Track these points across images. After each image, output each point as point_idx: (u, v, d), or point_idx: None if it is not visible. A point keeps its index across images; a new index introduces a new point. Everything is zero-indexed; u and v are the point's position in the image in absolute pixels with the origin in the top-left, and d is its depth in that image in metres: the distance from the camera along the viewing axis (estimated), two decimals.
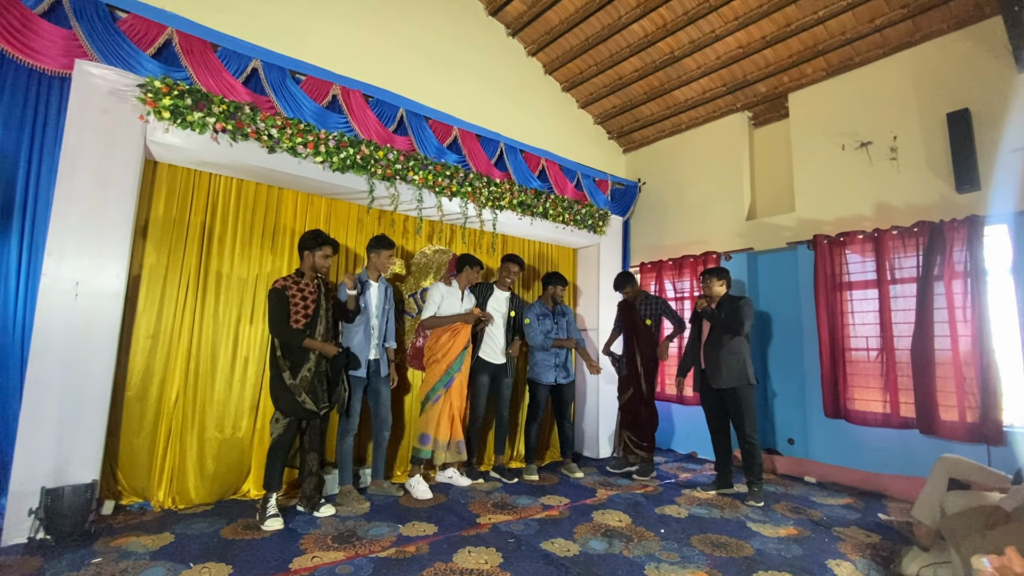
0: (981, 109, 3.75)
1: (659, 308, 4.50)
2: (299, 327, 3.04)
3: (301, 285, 3.12)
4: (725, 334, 3.77)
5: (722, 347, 3.78)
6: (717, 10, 4.52)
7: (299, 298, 3.07)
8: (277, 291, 3.03)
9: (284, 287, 3.05)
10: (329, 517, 3.07)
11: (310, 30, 4.09)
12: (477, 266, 4.03)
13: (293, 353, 3.04)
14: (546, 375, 4.29)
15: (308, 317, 3.09)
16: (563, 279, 4.43)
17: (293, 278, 3.12)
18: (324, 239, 3.17)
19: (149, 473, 3.17)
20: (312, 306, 3.12)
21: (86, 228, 2.79)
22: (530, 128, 5.43)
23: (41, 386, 2.63)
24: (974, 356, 3.57)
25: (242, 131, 3.26)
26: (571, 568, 2.47)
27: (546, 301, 4.43)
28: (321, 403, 3.09)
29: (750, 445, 3.70)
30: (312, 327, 3.09)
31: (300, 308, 3.07)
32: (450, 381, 3.81)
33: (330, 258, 3.21)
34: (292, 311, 3.04)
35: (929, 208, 3.94)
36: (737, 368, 3.72)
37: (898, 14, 4.04)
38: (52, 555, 2.43)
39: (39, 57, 2.86)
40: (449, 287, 3.95)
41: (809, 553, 2.70)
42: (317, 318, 3.12)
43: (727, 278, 3.97)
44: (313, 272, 3.19)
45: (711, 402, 3.93)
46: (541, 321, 4.33)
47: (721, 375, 3.76)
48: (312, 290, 3.15)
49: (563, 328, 4.46)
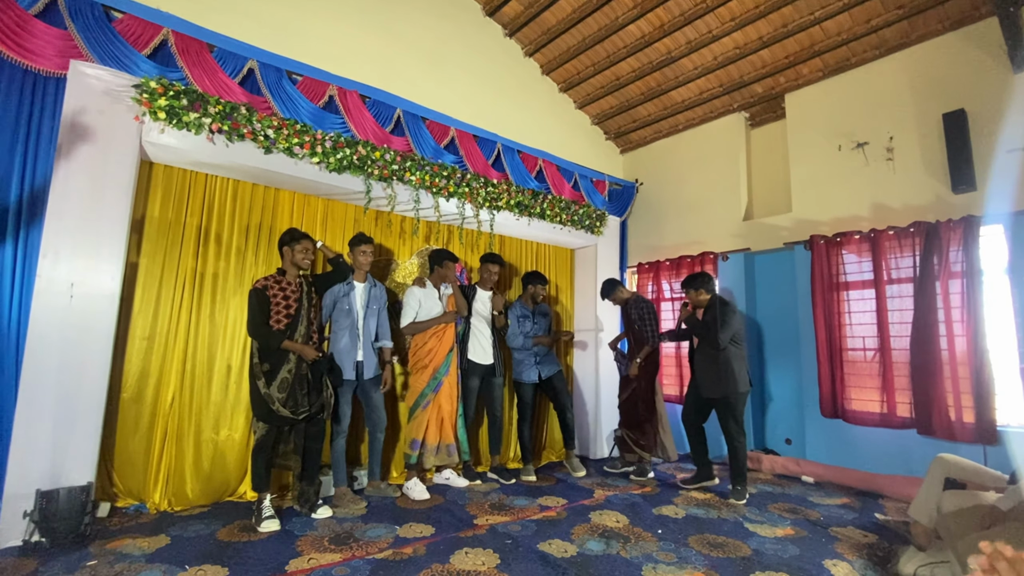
0: (977, 110, 3.76)
1: (642, 312, 4.38)
2: (280, 327, 3.01)
3: (283, 284, 3.09)
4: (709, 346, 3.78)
5: (709, 358, 3.77)
6: (714, 11, 4.52)
7: (280, 297, 3.04)
8: (256, 291, 2.99)
9: (264, 287, 3.02)
10: (326, 519, 3.06)
11: (307, 30, 4.08)
12: (449, 260, 3.93)
13: (272, 355, 3.00)
14: (528, 373, 4.28)
15: (290, 317, 3.05)
16: (543, 278, 4.43)
17: (275, 277, 3.09)
18: (301, 234, 3.15)
19: (145, 475, 3.16)
20: (294, 305, 3.08)
21: (81, 229, 2.78)
22: (527, 129, 5.43)
23: (36, 388, 2.62)
24: (969, 356, 3.58)
25: (238, 132, 3.25)
26: (568, 569, 2.47)
27: (526, 301, 4.43)
28: (300, 408, 3.03)
29: (735, 447, 3.71)
30: (293, 328, 3.05)
31: (282, 308, 3.04)
32: (438, 386, 3.78)
33: (311, 252, 3.17)
34: (273, 311, 3.01)
35: (925, 208, 3.95)
36: (725, 378, 3.68)
37: (894, 15, 4.05)
38: (47, 558, 2.41)
39: (34, 57, 2.85)
40: (424, 289, 3.89)
41: (806, 553, 2.70)
42: (299, 318, 3.08)
43: (707, 285, 3.88)
44: (296, 269, 3.16)
45: (695, 404, 3.95)
46: (521, 322, 4.33)
47: (709, 385, 3.77)
48: (294, 289, 3.11)
49: (543, 328, 4.46)
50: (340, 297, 3.48)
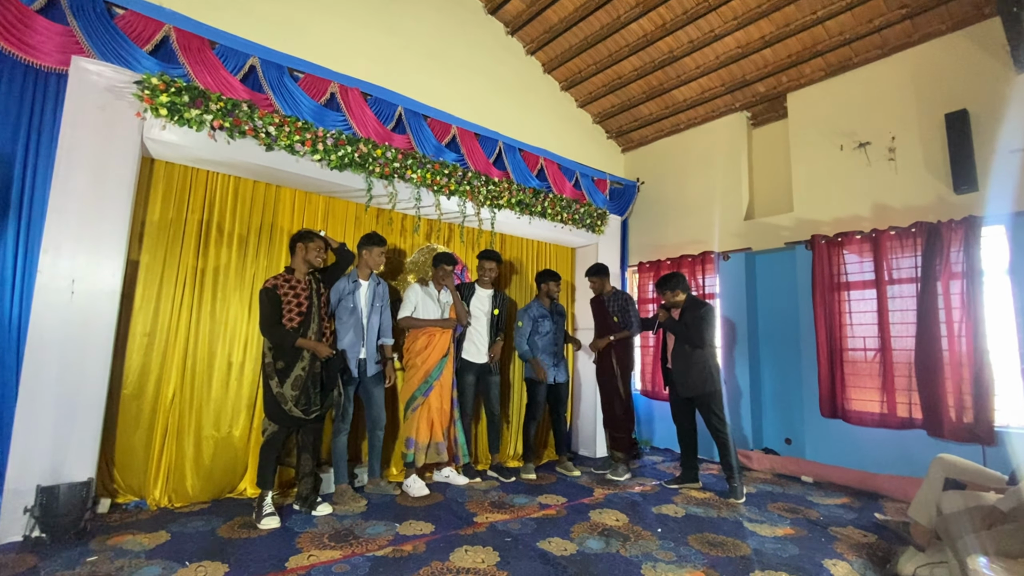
0: (979, 110, 3.76)
1: (625, 304, 4.34)
2: (293, 326, 3.01)
3: (293, 283, 3.08)
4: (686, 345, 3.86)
5: (685, 357, 3.88)
6: (716, 10, 4.52)
7: (291, 296, 3.04)
8: (267, 291, 3.00)
9: (275, 286, 3.02)
10: (326, 516, 3.07)
11: (309, 27, 4.08)
12: (450, 264, 3.94)
13: (286, 354, 3.00)
14: (547, 374, 4.28)
15: (302, 315, 3.05)
16: (557, 275, 4.42)
17: (284, 276, 3.09)
18: (315, 234, 3.16)
19: (145, 471, 3.16)
20: (305, 303, 3.08)
21: (82, 225, 2.78)
22: (529, 127, 5.43)
23: (37, 384, 2.62)
24: (969, 356, 3.58)
25: (239, 128, 3.25)
26: (568, 567, 2.47)
27: (543, 301, 4.40)
28: (313, 407, 3.04)
29: (722, 440, 3.78)
30: (306, 325, 3.05)
31: (293, 306, 3.04)
32: (428, 389, 3.77)
33: (323, 251, 3.19)
34: (284, 310, 3.01)
35: (927, 209, 3.94)
36: (700, 378, 3.80)
37: (897, 15, 4.04)
38: (47, 553, 2.42)
39: (36, 53, 2.85)
40: (426, 287, 3.90)
41: (806, 553, 2.71)
42: (311, 315, 3.09)
43: (681, 285, 3.97)
44: (306, 267, 3.16)
45: (679, 404, 4.06)
46: (540, 323, 4.30)
47: (686, 384, 3.87)
48: (304, 287, 3.12)
49: (562, 328, 4.45)
50: (345, 295, 3.48)
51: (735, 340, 5.02)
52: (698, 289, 5.27)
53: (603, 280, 4.46)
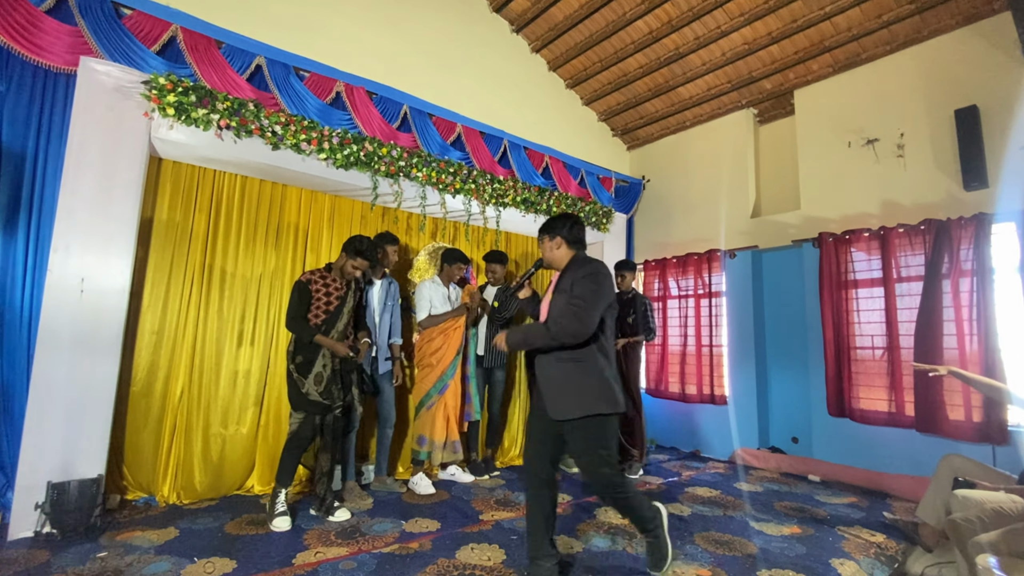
0: (989, 106, 3.71)
1: (645, 309, 4.35)
2: (316, 322, 3.00)
3: (328, 280, 3.08)
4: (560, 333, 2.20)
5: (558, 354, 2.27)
6: (722, 6, 4.49)
7: (323, 292, 3.04)
8: (299, 284, 3.01)
9: (308, 280, 3.02)
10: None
11: (314, 27, 4.09)
12: (459, 262, 3.91)
13: (306, 348, 2.99)
14: None
15: (328, 313, 3.04)
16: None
17: (321, 272, 3.09)
18: (363, 252, 3.04)
19: (154, 468, 3.19)
20: (335, 303, 3.06)
21: (91, 224, 2.81)
22: (534, 125, 5.42)
23: (47, 381, 2.65)
24: (980, 355, 3.54)
25: (246, 128, 3.27)
26: (574, 565, 2.47)
27: None
28: (336, 400, 3.03)
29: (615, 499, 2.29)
30: (330, 324, 3.03)
31: (322, 304, 3.03)
32: (444, 388, 3.78)
33: (359, 270, 3.09)
34: (313, 305, 3.00)
35: (936, 206, 3.91)
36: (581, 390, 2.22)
37: (906, 10, 4.00)
38: (58, 549, 2.45)
39: (45, 54, 2.88)
40: (435, 283, 3.90)
41: (813, 552, 2.69)
42: (338, 315, 3.06)
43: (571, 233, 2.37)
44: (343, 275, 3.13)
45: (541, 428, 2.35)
46: None
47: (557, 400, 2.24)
48: (339, 286, 3.10)
49: None
50: None
51: (742, 338, 4.99)
52: (704, 287, 5.25)
53: (624, 276, 4.45)
